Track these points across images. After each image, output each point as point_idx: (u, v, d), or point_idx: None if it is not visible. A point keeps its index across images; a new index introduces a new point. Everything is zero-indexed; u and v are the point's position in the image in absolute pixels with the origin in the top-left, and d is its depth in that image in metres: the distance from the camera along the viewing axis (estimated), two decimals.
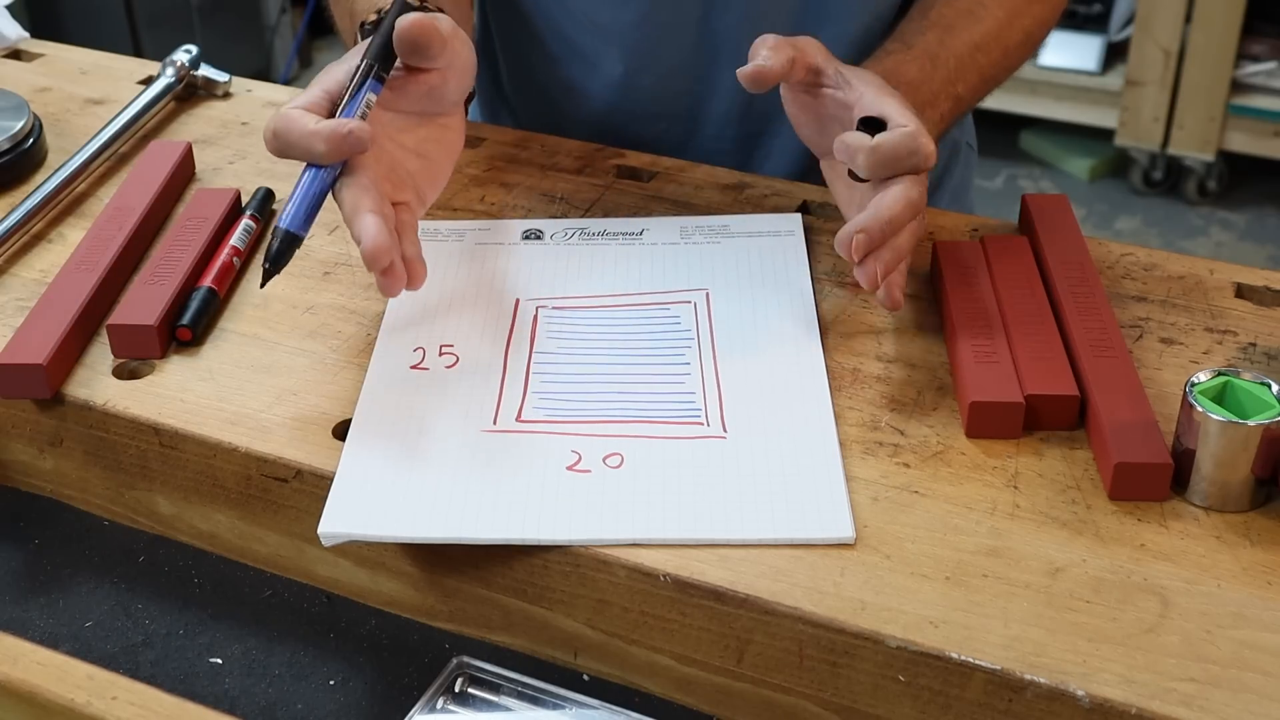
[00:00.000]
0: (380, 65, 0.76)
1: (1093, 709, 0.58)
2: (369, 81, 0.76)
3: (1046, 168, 3.17)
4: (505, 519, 0.67)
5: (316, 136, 0.72)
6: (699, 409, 0.74)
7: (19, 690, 0.60)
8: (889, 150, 0.76)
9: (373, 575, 0.72)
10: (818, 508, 0.67)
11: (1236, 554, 0.65)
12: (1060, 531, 0.66)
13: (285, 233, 0.74)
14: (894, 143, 0.76)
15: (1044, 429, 0.73)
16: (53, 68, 1.18)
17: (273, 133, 0.73)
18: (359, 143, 0.72)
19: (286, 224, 0.74)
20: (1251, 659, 0.59)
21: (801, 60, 0.81)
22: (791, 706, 0.65)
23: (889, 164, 0.77)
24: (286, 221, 0.74)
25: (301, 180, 0.74)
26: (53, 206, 0.95)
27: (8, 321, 0.83)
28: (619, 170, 1.00)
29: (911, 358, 0.79)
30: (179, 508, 0.77)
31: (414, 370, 0.78)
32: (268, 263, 0.74)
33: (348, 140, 0.72)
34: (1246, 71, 2.86)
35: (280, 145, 0.74)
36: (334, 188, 0.74)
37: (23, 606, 0.73)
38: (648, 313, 0.83)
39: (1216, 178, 3.00)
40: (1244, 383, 0.68)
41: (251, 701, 0.67)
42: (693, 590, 0.64)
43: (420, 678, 0.68)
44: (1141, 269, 0.87)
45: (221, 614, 0.73)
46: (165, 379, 0.78)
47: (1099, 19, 3.05)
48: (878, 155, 0.76)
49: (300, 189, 0.74)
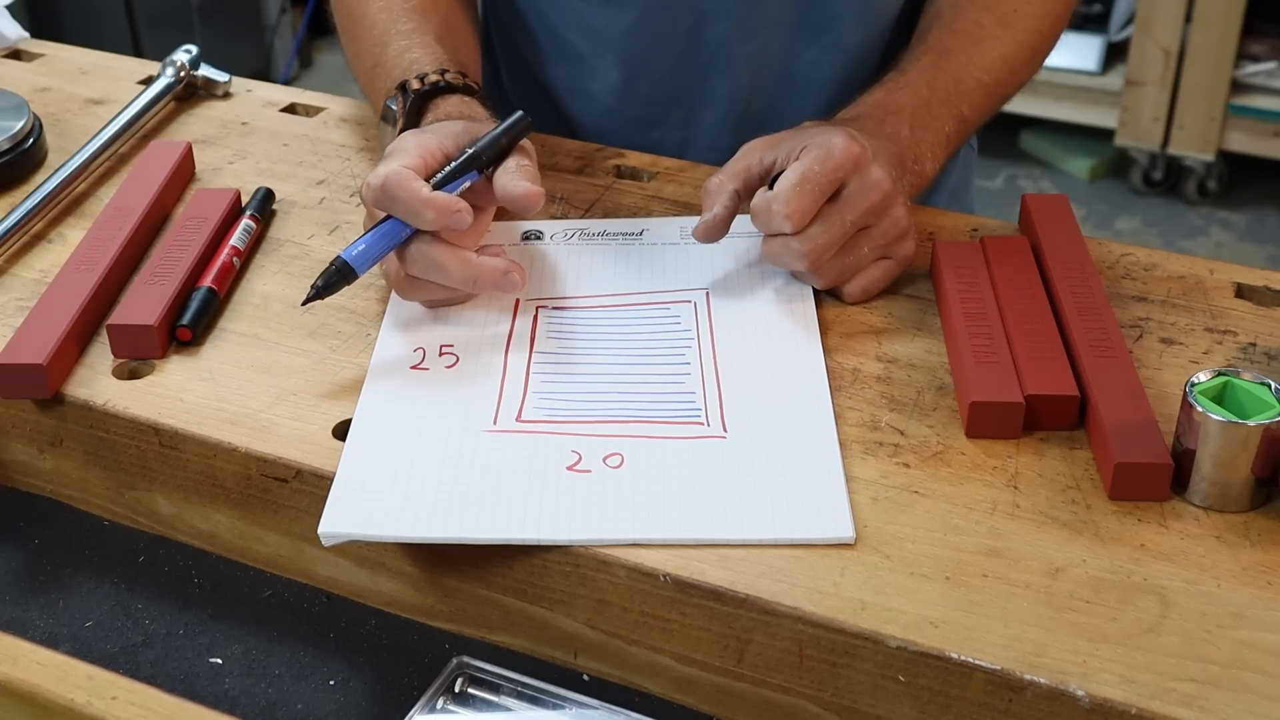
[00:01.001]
0: (488, 162, 0.81)
1: (1093, 709, 0.58)
2: (472, 172, 0.80)
3: (1046, 168, 3.17)
4: (505, 519, 0.67)
5: (430, 205, 0.76)
6: (699, 409, 0.74)
7: (19, 690, 0.60)
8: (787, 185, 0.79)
9: (373, 575, 0.72)
10: (818, 508, 0.67)
11: (1236, 554, 0.65)
12: (1060, 531, 0.66)
13: (345, 264, 0.78)
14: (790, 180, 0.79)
15: (1044, 429, 0.73)
16: (53, 68, 1.18)
17: (382, 186, 0.77)
18: (461, 223, 0.77)
19: (350, 258, 0.78)
20: (1251, 659, 0.59)
21: (747, 181, 0.84)
22: (791, 706, 0.65)
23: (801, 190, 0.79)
24: (351, 256, 0.78)
25: (382, 227, 0.78)
26: (53, 206, 0.95)
27: (8, 321, 0.83)
28: (619, 170, 1.00)
29: (911, 358, 0.79)
30: (179, 508, 0.77)
31: (414, 370, 0.78)
32: (317, 287, 0.78)
33: (454, 219, 0.76)
34: (1246, 71, 2.86)
35: (384, 199, 0.78)
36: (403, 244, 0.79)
37: (23, 606, 0.73)
38: (648, 313, 0.83)
39: (1216, 178, 2.99)
40: (1244, 383, 0.68)
41: (251, 701, 0.67)
42: (693, 590, 0.64)
43: (420, 678, 0.68)
44: (1141, 269, 0.87)
45: (221, 614, 0.73)
46: (165, 379, 0.78)
47: (1099, 19, 3.05)
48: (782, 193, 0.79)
49: (377, 234, 0.78)
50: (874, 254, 0.83)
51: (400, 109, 0.89)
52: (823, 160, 0.79)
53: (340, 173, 1.00)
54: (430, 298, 0.81)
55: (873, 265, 0.83)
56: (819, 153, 0.79)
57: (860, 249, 0.82)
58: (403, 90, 0.89)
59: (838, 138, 0.80)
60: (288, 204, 0.96)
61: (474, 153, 0.81)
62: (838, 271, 0.82)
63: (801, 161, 0.80)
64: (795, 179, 0.79)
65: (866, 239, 0.82)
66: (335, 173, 1.00)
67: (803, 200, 0.79)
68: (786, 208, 0.79)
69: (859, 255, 0.82)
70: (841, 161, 0.79)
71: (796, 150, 0.81)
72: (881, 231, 0.82)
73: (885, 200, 0.81)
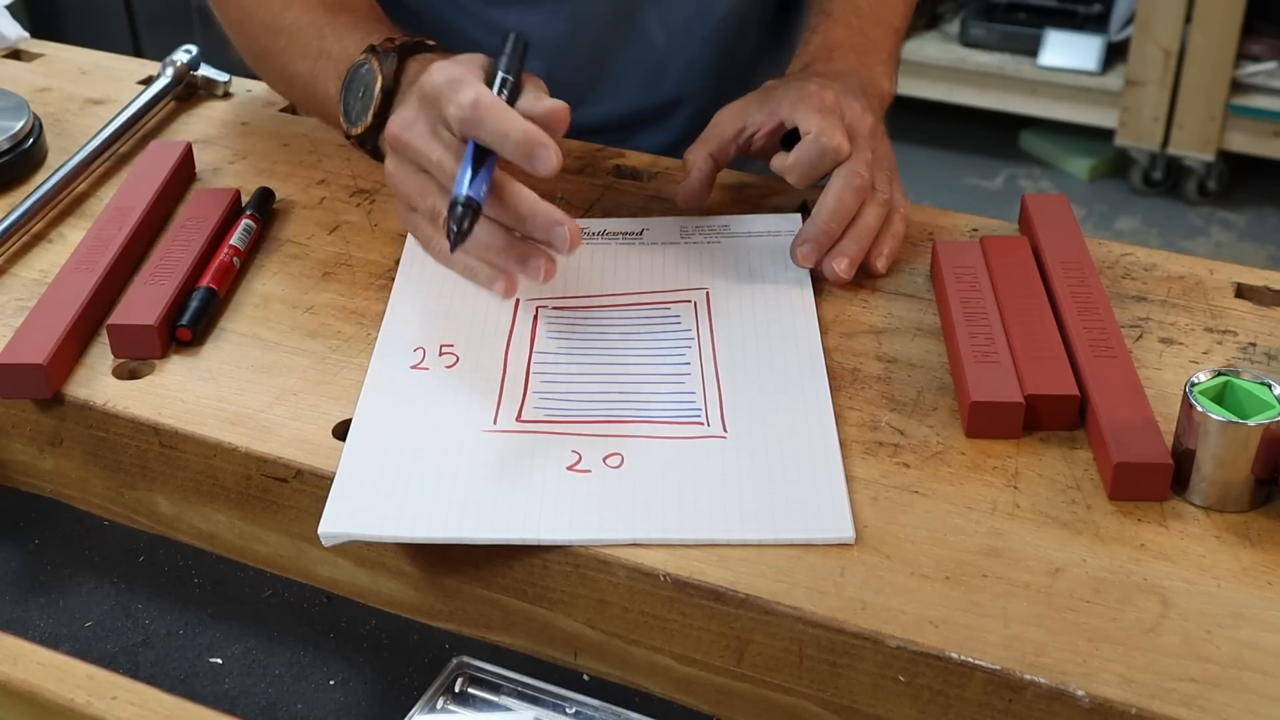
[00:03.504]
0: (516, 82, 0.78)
1: (1093, 709, 0.58)
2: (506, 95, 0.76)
3: (1046, 168, 3.16)
4: (505, 519, 0.67)
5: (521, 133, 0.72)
6: (699, 409, 0.74)
7: (19, 690, 0.60)
8: (804, 162, 0.84)
9: (373, 575, 0.72)
10: (818, 508, 0.67)
11: (1236, 554, 0.65)
12: (1060, 531, 0.66)
13: (470, 200, 0.72)
14: (804, 155, 0.84)
15: (1044, 429, 0.73)
16: (53, 68, 1.18)
17: (474, 106, 0.73)
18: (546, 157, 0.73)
19: (472, 194, 0.72)
20: (1251, 659, 0.59)
21: (722, 148, 0.90)
22: (791, 706, 0.65)
23: (809, 173, 0.85)
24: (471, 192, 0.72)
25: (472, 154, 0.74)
26: (53, 206, 0.95)
27: (8, 321, 0.83)
28: (619, 170, 1.00)
29: (911, 358, 0.79)
30: (179, 508, 0.77)
31: (414, 370, 0.78)
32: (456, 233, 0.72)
33: (537, 151, 0.73)
34: (1246, 71, 2.86)
35: (473, 123, 0.73)
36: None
37: (23, 606, 0.73)
38: (648, 312, 0.83)
39: (1216, 178, 2.99)
40: (1244, 383, 0.68)
41: (251, 701, 0.67)
42: (692, 590, 0.64)
43: (420, 678, 0.68)
44: (1141, 269, 0.87)
45: (221, 614, 0.73)
46: (165, 379, 0.78)
47: (1099, 19, 3.05)
48: (797, 171, 0.85)
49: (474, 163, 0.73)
50: (888, 185, 0.87)
51: (377, 69, 0.87)
52: (837, 173, 0.85)
53: (340, 173, 1.00)
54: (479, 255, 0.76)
55: (883, 228, 0.87)
56: (823, 156, 0.84)
57: (878, 184, 0.86)
58: (374, 52, 0.87)
59: (852, 179, 0.84)
60: (288, 204, 0.96)
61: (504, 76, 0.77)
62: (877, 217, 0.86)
63: (825, 195, 0.84)
64: (831, 207, 0.84)
65: (878, 171, 0.86)
66: (335, 173, 1.00)
67: (846, 218, 0.85)
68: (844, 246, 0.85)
69: (879, 193, 0.86)
70: (839, 146, 0.84)
71: (772, 122, 0.87)
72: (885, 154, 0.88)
73: (873, 130, 0.87)
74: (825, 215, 0.84)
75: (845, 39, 0.96)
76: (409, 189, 0.78)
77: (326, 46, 0.92)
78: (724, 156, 0.90)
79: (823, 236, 0.84)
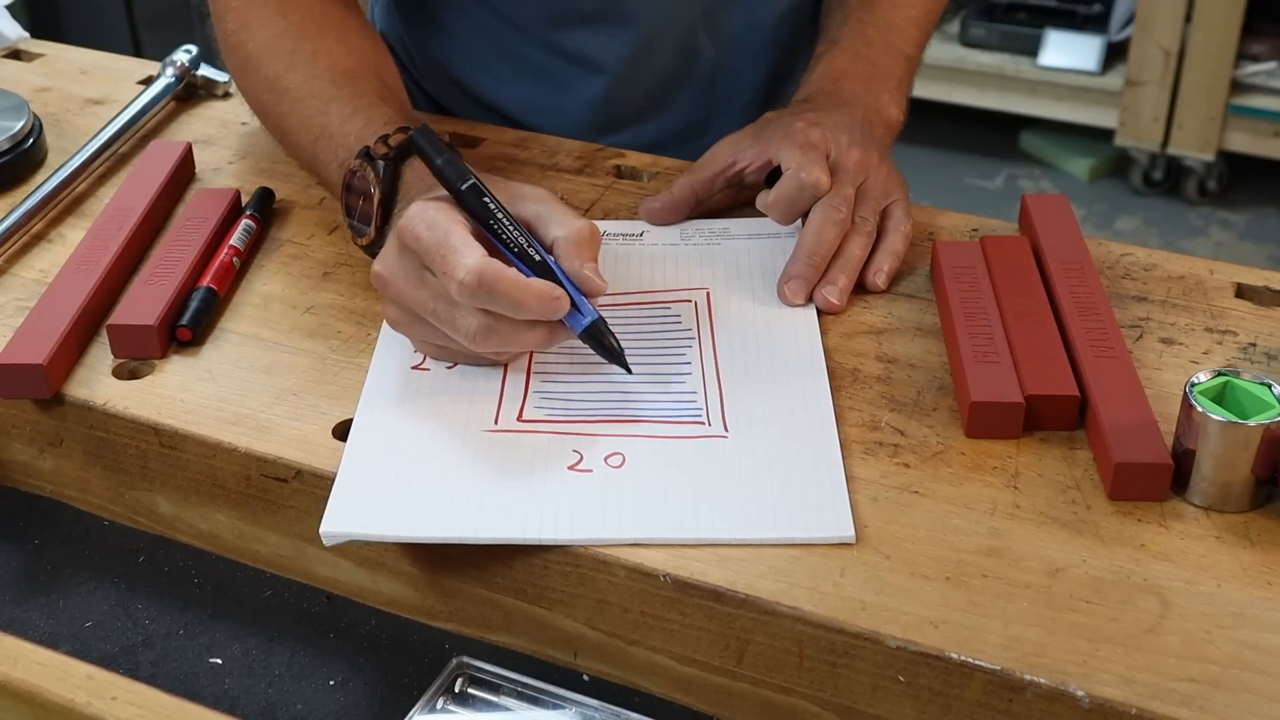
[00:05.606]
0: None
1: (1093, 709, 0.58)
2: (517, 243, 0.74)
3: (1046, 168, 3.16)
4: (505, 519, 0.67)
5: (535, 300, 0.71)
6: (700, 409, 0.74)
7: (19, 690, 0.60)
8: (784, 199, 0.85)
9: (373, 575, 0.72)
10: (818, 508, 0.67)
11: (1236, 554, 0.65)
12: (1060, 531, 0.66)
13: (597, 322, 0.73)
14: (784, 191, 0.85)
15: (1044, 429, 0.73)
16: (53, 68, 1.18)
17: (478, 282, 0.70)
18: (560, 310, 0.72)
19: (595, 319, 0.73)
20: (1251, 659, 0.59)
21: (709, 180, 0.91)
22: (791, 707, 0.65)
23: (790, 210, 0.86)
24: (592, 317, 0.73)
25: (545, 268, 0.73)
26: (53, 206, 0.95)
27: (8, 321, 0.83)
28: (619, 170, 1.00)
29: (911, 358, 0.79)
30: (179, 508, 0.77)
31: (415, 370, 0.78)
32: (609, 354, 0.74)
33: (554, 306, 0.71)
34: (1246, 71, 2.86)
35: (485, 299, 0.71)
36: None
37: (23, 606, 0.73)
38: (648, 312, 0.83)
39: (1216, 178, 2.99)
40: (1244, 383, 0.68)
41: (251, 701, 0.67)
42: (692, 590, 0.64)
43: (420, 678, 0.68)
44: (1141, 269, 0.87)
45: (221, 614, 0.73)
46: (165, 379, 0.78)
47: (1099, 19, 3.05)
48: (778, 208, 0.86)
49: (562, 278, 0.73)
50: (875, 214, 0.87)
51: (373, 180, 0.82)
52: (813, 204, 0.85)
53: None
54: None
55: (881, 245, 0.87)
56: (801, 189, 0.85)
57: (862, 214, 0.86)
58: (369, 159, 0.83)
59: (832, 214, 0.84)
60: (288, 204, 0.96)
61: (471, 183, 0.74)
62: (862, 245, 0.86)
63: (805, 230, 0.85)
64: (810, 242, 0.84)
65: (864, 202, 0.86)
66: None
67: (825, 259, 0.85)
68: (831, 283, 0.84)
69: (864, 223, 0.86)
70: (817, 181, 0.85)
71: (761, 159, 0.88)
72: (879, 182, 0.87)
73: (860, 163, 0.87)
74: (806, 251, 0.84)
75: (851, 66, 0.95)
76: (411, 335, 0.77)
77: (328, 126, 0.88)
78: (707, 190, 0.91)
79: (807, 271, 0.83)
